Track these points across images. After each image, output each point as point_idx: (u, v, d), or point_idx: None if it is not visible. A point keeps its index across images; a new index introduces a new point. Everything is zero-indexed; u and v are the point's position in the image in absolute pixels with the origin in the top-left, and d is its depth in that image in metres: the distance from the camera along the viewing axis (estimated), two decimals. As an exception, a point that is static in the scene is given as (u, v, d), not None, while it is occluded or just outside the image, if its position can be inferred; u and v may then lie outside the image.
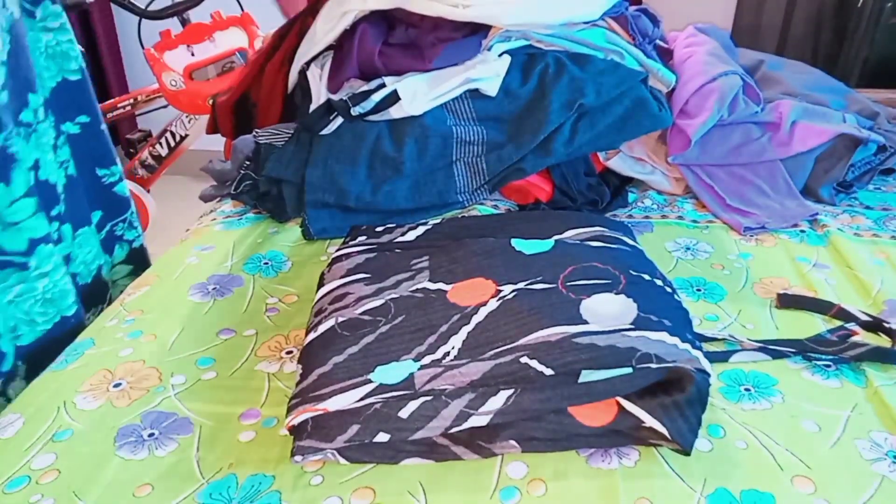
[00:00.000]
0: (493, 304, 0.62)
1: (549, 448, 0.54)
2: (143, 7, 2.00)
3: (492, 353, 0.56)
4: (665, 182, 1.03)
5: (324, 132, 0.95)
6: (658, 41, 1.12)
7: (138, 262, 1.11)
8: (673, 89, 1.05)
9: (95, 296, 0.99)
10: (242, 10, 2.05)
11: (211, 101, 1.43)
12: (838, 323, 0.70)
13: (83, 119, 0.97)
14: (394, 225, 0.82)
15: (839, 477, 0.52)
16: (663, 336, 0.56)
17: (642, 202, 1.00)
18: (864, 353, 0.63)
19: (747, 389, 0.61)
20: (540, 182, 0.97)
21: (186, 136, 2.13)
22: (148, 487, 0.52)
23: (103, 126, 1.01)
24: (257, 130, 1.02)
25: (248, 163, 1.00)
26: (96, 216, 1.00)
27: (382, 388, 0.55)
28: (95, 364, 0.67)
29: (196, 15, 2.02)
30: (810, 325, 0.71)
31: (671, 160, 1.02)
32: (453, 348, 0.58)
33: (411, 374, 0.56)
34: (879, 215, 0.95)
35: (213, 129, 1.23)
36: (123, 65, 2.83)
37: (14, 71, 0.81)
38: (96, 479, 0.53)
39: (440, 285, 0.67)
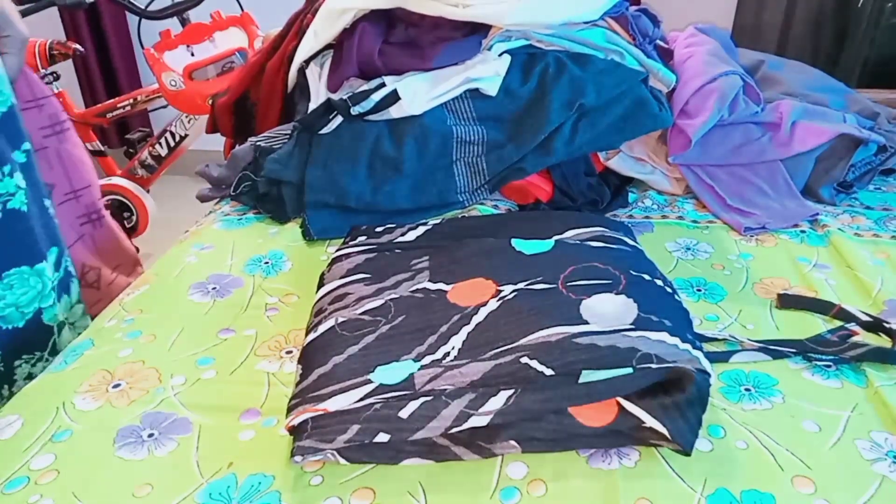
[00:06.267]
0: (494, 304, 0.62)
1: (549, 448, 0.54)
2: (142, 7, 2.00)
3: (492, 353, 0.56)
4: (665, 182, 1.03)
5: (323, 131, 0.94)
6: (658, 41, 1.12)
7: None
8: (673, 89, 1.05)
9: (30, 342, 0.81)
10: (242, 10, 2.05)
11: (210, 101, 1.43)
12: (839, 323, 0.70)
13: (27, 146, 0.81)
14: (394, 225, 0.82)
15: (839, 477, 0.52)
16: (664, 336, 0.56)
17: (642, 202, 1.00)
18: (864, 354, 0.63)
19: (748, 389, 0.61)
20: (540, 182, 0.97)
21: (186, 136, 2.14)
22: (147, 487, 0.52)
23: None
24: (254, 137, 1.02)
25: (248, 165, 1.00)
26: (52, 253, 0.83)
27: (382, 388, 0.55)
28: (94, 364, 0.67)
29: (196, 15, 2.02)
30: (811, 325, 0.70)
31: (671, 160, 1.02)
32: (453, 348, 0.58)
33: (411, 375, 0.56)
34: (880, 215, 0.95)
35: (212, 128, 1.23)
36: (137, 64, 2.83)
37: None
38: (95, 479, 0.53)
39: (440, 285, 0.67)
